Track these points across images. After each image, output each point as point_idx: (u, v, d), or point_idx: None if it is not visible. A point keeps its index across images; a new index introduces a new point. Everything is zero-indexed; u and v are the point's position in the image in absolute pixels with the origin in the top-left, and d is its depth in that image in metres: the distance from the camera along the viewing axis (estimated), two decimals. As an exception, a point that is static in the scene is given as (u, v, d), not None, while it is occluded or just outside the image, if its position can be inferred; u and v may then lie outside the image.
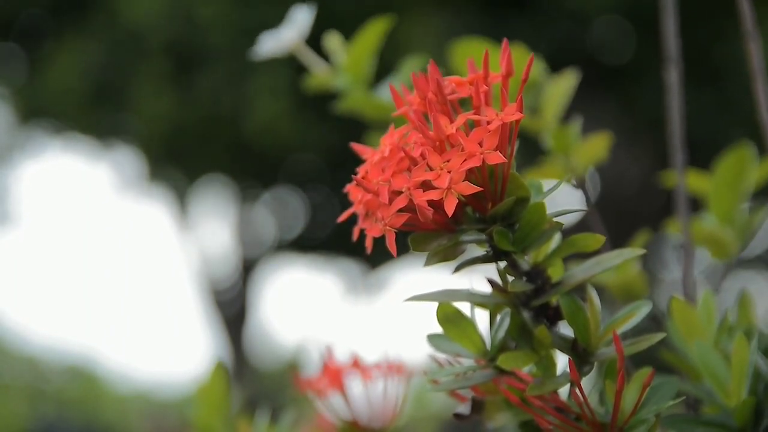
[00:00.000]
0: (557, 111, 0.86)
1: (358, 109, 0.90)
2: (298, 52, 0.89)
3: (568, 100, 0.86)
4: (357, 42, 0.90)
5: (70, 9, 4.31)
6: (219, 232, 5.97)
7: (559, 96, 0.86)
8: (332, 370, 0.81)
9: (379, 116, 0.89)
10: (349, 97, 0.89)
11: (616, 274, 0.86)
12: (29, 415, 6.32)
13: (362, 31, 0.89)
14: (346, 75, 0.90)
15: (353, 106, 0.90)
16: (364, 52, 0.90)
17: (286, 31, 0.89)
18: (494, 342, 0.60)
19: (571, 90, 0.86)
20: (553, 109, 0.86)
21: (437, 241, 0.55)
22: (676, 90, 0.85)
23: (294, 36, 0.88)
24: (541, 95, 0.86)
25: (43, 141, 5.26)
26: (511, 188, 0.55)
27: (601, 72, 4.10)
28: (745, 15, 0.79)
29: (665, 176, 0.93)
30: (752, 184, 0.85)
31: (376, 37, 0.89)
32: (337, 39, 0.91)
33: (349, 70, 0.90)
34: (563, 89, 0.86)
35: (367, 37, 0.89)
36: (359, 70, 0.90)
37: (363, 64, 0.90)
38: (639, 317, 0.59)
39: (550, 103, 0.86)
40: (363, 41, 0.90)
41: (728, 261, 0.85)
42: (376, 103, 0.89)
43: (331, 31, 0.91)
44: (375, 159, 0.55)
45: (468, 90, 0.56)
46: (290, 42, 0.88)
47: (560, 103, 0.86)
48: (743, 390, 0.60)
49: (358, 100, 0.89)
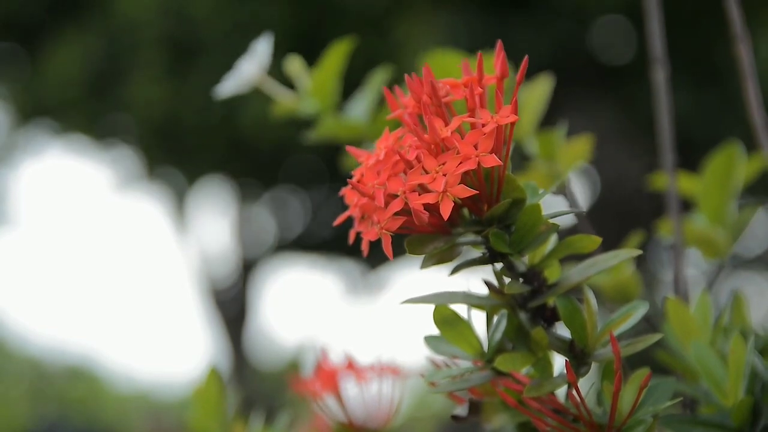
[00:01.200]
0: (535, 116, 0.86)
1: (331, 134, 0.89)
2: (261, 84, 0.88)
3: (545, 105, 0.86)
4: (322, 66, 0.88)
5: (67, 5, 4.31)
6: (219, 231, 5.97)
7: (534, 101, 0.85)
8: (327, 371, 0.81)
9: (352, 137, 0.88)
10: (320, 124, 0.88)
11: (610, 276, 0.86)
12: (30, 416, 6.32)
13: (326, 54, 0.88)
14: (312, 100, 0.88)
15: (325, 133, 0.88)
16: (329, 76, 0.88)
17: (247, 65, 0.88)
18: (491, 344, 0.60)
19: (548, 94, 0.85)
20: (530, 116, 0.86)
21: (433, 244, 0.55)
22: (664, 90, 0.85)
23: (254, 70, 0.87)
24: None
25: (43, 141, 5.26)
26: (506, 190, 0.55)
27: (601, 72, 4.10)
28: (734, 19, 0.80)
29: (655, 178, 0.93)
30: (741, 182, 0.85)
31: (340, 59, 0.88)
32: (298, 63, 0.90)
33: (315, 96, 0.88)
34: (538, 95, 0.85)
35: (332, 60, 0.88)
36: (326, 95, 0.88)
37: (329, 89, 0.88)
38: (636, 318, 0.59)
39: (527, 109, 0.86)
40: (328, 65, 0.88)
41: (720, 260, 0.85)
42: (349, 125, 0.88)
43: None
44: (370, 162, 0.55)
45: (462, 92, 0.56)
46: (252, 76, 0.88)
47: (536, 109, 0.86)
48: (740, 390, 0.61)
49: (329, 126, 0.88)
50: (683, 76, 3.57)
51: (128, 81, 4.19)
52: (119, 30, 4.13)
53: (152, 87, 4.11)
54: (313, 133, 0.89)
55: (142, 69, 4.12)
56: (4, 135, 5.25)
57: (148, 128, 4.41)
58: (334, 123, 0.88)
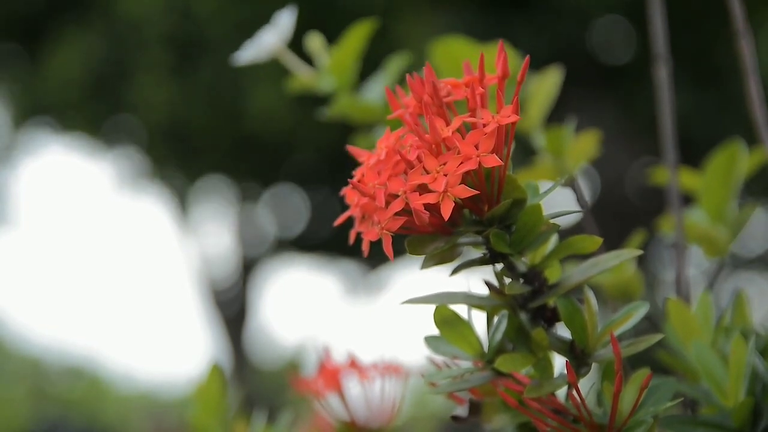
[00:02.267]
0: (542, 109, 0.86)
1: (346, 114, 0.88)
2: (280, 56, 0.88)
3: (553, 98, 0.85)
4: (342, 44, 0.88)
5: (69, 4, 4.31)
6: (219, 231, 5.97)
7: (544, 93, 0.85)
8: (329, 370, 0.81)
9: (366, 119, 0.88)
10: (336, 101, 0.88)
11: (612, 275, 0.86)
12: (32, 416, 6.32)
13: (347, 33, 0.88)
14: (330, 78, 0.88)
15: (340, 111, 0.88)
16: (349, 54, 0.88)
17: (268, 35, 0.88)
18: (492, 344, 0.60)
19: (557, 87, 0.85)
20: (538, 107, 0.85)
21: (434, 244, 0.55)
22: (666, 88, 0.85)
23: (275, 40, 0.87)
24: (526, 93, 0.85)
25: (44, 140, 5.26)
26: (507, 190, 0.55)
27: (602, 72, 4.10)
28: (736, 15, 0.80)
29: (656, 173, 0.92)
30: (742, 180, 0.85)
31: (361, 39, 0.88)
32: (319, 40, 0.90)
33: (333, 73, 0.88)
34: (548, 86, 0.85)
35: (352, 40, 0.88)
36: (344, 74, 0.88)
37: (348, 67, 0.88)
38: (636, 319, 0.59)
39: (535, 101, 0.85)
40: (348, 44, 0.88)
41: (721, 258, 0.85)
42: (364, 106, 0.88)
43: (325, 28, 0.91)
44: (371, 162, 0.55)
45: (464, 92, 0.56)
46: (272, 46, 0.88)
47: (545, 101, 0.85)
48: (741, 391, 0.61)
49: (344, 104, 0.88)
50: (684, 77, 3.57)
51: (131, 80, 4.19)
52: (122, 29, 4.13)
53: (156, 86, 4.12)
54: (328, 110, 0.89)
55: (146, 68, 4.12)
56: (5, 135, 5.25)
57: (152, 127, 4.41)
58: (350, 102, 0.88)
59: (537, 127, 0.86)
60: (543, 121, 0.86)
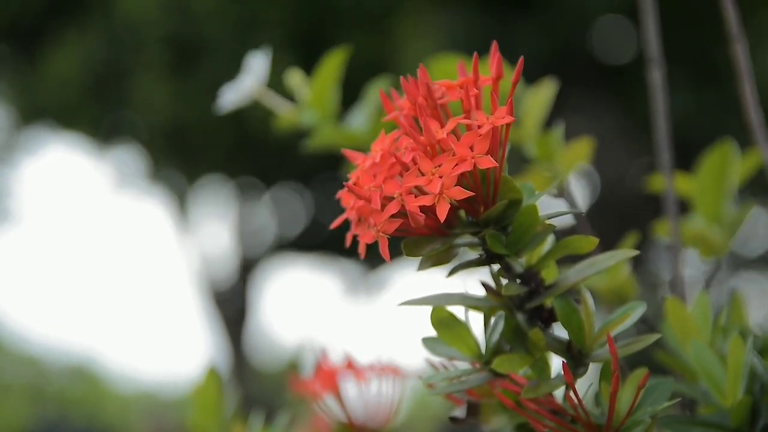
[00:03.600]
0: (538, 121, 0.86)
1: (329, 144, 0.88)
2: (260, 97, 0.89)
3: (548, 109, 0.86)
4: (318, 75, 0.88)
5: (68, 6, 4.31)
6: (219, 231, 5.97)
7: (538, 106, 0.85)
8: (327, 371, 0.81)
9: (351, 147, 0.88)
10: (318, 133, 0.88)
11: (606, 279, 0.86)
12: (31, 416, 6.32)
13: (322, 64, 0.88)
14: (310, 111, 0.88)
15: (323, 142, 0.88)
16: (326, 85, 0.88)
17: (245, 79, 0.88)
18: (489, 345, 0.60)
19: (550, 99, 0.85)
20: (534, 120, 0.86)
21: (430, 246, 0.55)
22: (660, 89, 0.85)
23: (253, 83, 0.88)
24: (521, 106, 0.85)
25: (44, 140, 5.26)
26: (503, 191, 0.55)
27: (601, 72, 4.10)
28: (730, 19, 0.80)
29: (652, 180, 0.93)
30: (736, 180, 0.85)
31: (336, 68, 0.88)
32: (298, 75, 0.90)
33: (313, 107, 0.88)
34: (542, 99, 0.85)
35: (327, 69, 0.88)
36: (324, 105, 0.88)
37: (327, 98, 0.88)
38: (633, 319, 0.59)
39: (530, 113, 0.86)
40: (324, 74, 0.88)
41: (717, 259, 0.85)
42: (347, 135, 0.88)
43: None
44: (366, 165, 0.55)
45: (458, 94, 0.56)
46: (251, 90, 0.88)
47: (540, 113, 0.86)
48: (739, 390, 0.61)
49: (326, 135, 0.88)
50: (683, 77, 3.57)
51: (131, 80, 4.18)
52: (121, 30, 4.13)
53: (156, 86, 4.11)
54: (311, 142, 0.89)
55: (145, 68, 4.12)
56: (5, 135, 5.25)
57: (151, 127, 4.41)
58: (333, 132, 0.88)
59: (532, 137, 0.86)
60: (538, 132, 0.87)
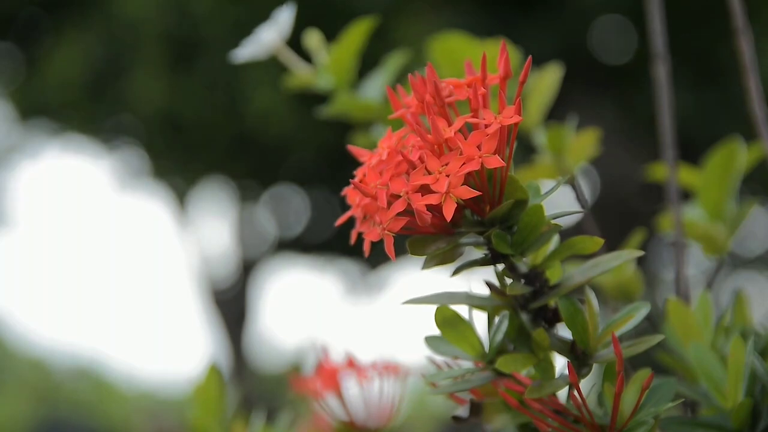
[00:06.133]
0: (542, 106, 0.85)
1: (344, 112, 0.88)
2: (279, 53, 0.88)
3: (553, 95, 0.85)
4: (341, 42, 0.87)
5: (66, 5, 4.30)
6: (219, 231, 5.97)
7: (543, 90, 0.84)
8: (328, 370, 0.81)
9: (365, 117, 0.87)
10: (335, 100, 0.88)
11: (612, 276, 0.86)
12: (34, 416, 6.33)
13: (347, 30, 0.87)
14: (329, 76, 0.87)
15: (339, 109, 0.88)
16: (348, 52, 0.87)
17: (267, 32, 0.87)
18: (492, 344, 0.60)
19: (556, 83, 0.85)
20: (538, 105, 0.85)
21: (435, 245, 0.55)
22: (665, 86, 0.85)
23: (274, 37, 0.87)
24: (525, 90, 0.84)
25: (44, 141, 5.26)
26: (509, 191, 0.55)
27: (602, 71, 4.10)
28: (736, 12, 0.80)
29: (654, 169, 0.92)
30: (741, 178, 0.84)
31: (360, 37, 0.87)
32: (317, 37, 0.89)
33: (332, 72, 0.87)
34: (548, 83, 0.85)
35: (352, 38, 0.87)
36: (343, 72, 0.87)
37: (347, 66, 0.87)
38: (638, 319, 0.59)
39: (534, 98, 0.85)
40: (348, 42, 0.87)
41: (720, 257, 0.85)
42: (363, 104, 0.87)
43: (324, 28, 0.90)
44: (373, 162, 0.55)
45: (466, 92, 0.56)
46: (271, 43, 0.87)
47: (545, 98, 0.85)
48: (740, 392, 0.60)
49: (343, 102, 0.87)
50: (685, 75, 3.57)
51: (130, 80, 4.18)
52: (119, 28, 4.13)
53: (154, 85, 4.11)
54: (327, 109, 0.88)
55: (144, 67, 4.11)
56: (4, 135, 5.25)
57: (151, 127, 4.40)
58: (349, 100, 0.87)
59: (537, 124, 0.86)
60: (543, 119, 0.86)
